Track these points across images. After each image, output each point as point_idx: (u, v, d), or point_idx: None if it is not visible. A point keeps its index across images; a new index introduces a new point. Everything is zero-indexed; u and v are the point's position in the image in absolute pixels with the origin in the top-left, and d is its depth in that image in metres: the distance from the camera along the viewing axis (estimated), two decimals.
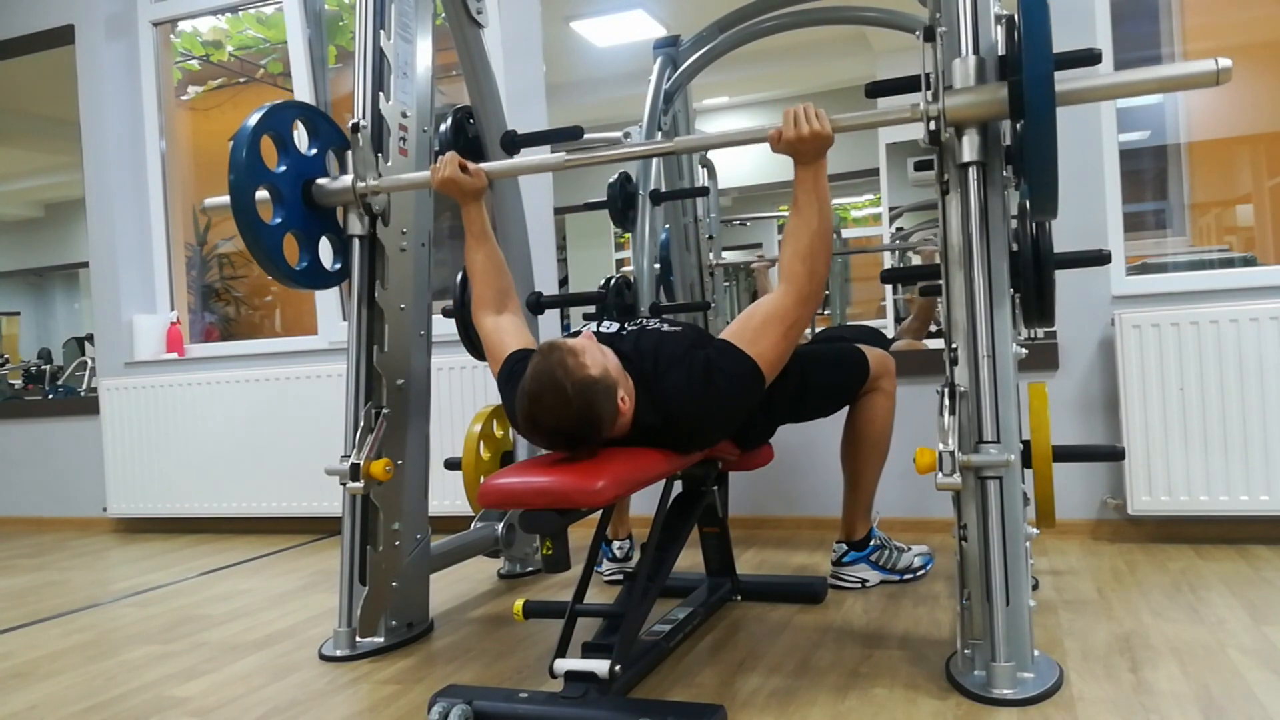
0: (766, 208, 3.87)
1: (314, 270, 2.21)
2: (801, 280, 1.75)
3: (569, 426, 1.61)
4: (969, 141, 1.64)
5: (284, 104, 2.14)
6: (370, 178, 2.11)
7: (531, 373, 1.63)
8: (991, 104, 1.61)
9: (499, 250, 2.09)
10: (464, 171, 2.01)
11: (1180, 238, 3.18)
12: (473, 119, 2.65)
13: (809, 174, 1.77)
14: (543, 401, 1.61)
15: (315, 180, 2.17)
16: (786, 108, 1.75)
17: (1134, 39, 3.03)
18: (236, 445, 3.70)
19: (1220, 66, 1.50)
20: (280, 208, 2.12)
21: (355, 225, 2.15)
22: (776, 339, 1.74)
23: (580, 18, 3.72)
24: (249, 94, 4.47)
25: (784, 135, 1.74)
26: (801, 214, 1.76)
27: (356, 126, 2.10)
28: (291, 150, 2.14)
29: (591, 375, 1.62)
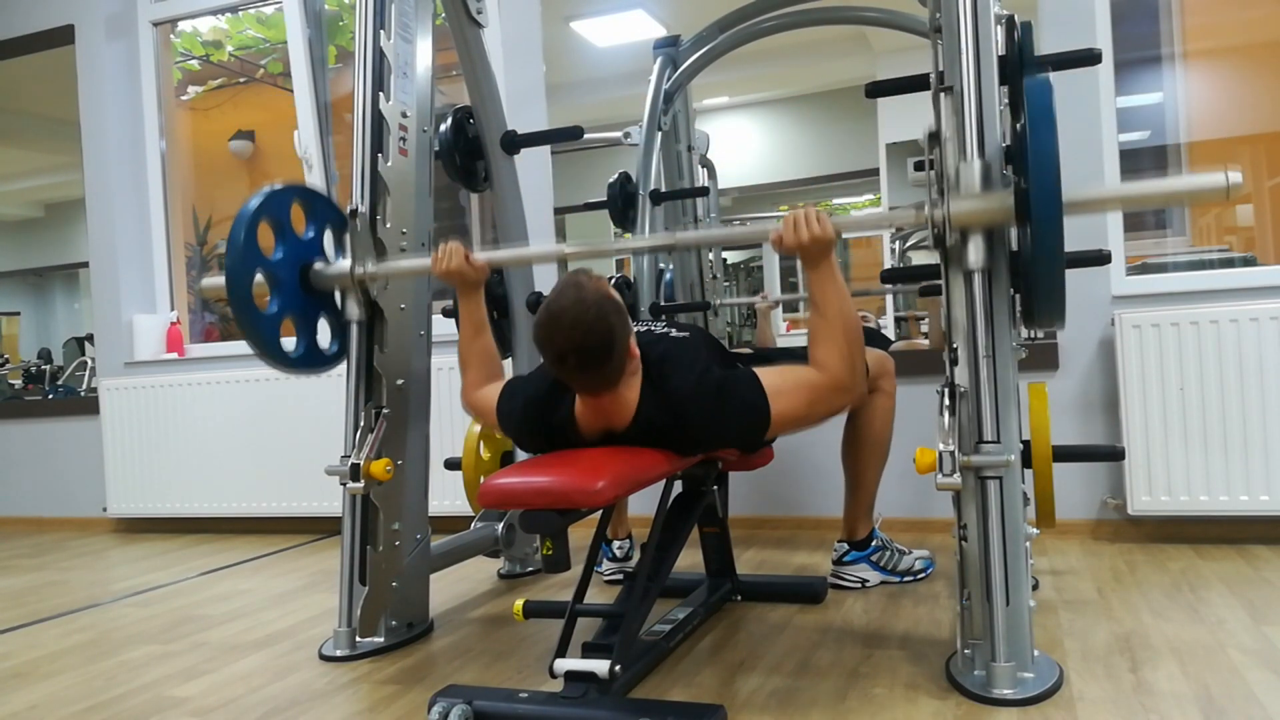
0: (766, 208, 3.86)
1: (310, 355, 2.18)
2: (842, 372, 1.70)
3: (581, 336, 1.61)
4: (974, 248, 1.61)
5: (283, 189, 2.11)
6: (368, 263, 2.10)
7: (554, 292, 1.67)
8: (998, 211, 1.58)
9: (493, 340, 2.08)
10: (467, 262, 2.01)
11: (1180, 238, 3.18)
12: (473, 119, 2.65)
13: (819, 276, 1.74)
14: (561, 304, 1.63)
15: (313, 264, 2.15)
16: (787, 213, 1.73)
17: (1134, 39, 3.03)
18: (236, 445, 3.70)
19: (1230, 182, 1.47)
20: (277, 295, 2.10)
21: (353, 310, 2.14)
22: (798, 404, 1.70)
23: (580, 18, 3.72)
24: (249, 94, 4.47)
25: (784, 240, 1.72)
26: (824, 315, 1.72)
27: (354, 212, 2.09)
28: (289, 236, 2.12)
29: (610, 294, 1.65)
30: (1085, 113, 2.78)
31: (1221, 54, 3.20)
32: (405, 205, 2.20)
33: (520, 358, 2.72)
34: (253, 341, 2.06)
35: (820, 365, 1.71)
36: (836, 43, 3.53)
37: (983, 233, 1.61)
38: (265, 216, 2.06)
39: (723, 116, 3.84)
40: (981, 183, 1.61)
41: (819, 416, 1.75)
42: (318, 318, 2.20)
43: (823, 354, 1.72)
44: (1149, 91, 3.16)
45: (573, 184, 3.53)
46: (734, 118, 3.89)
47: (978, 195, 1.61)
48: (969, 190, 1.61)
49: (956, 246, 1.63)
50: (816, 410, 1.73)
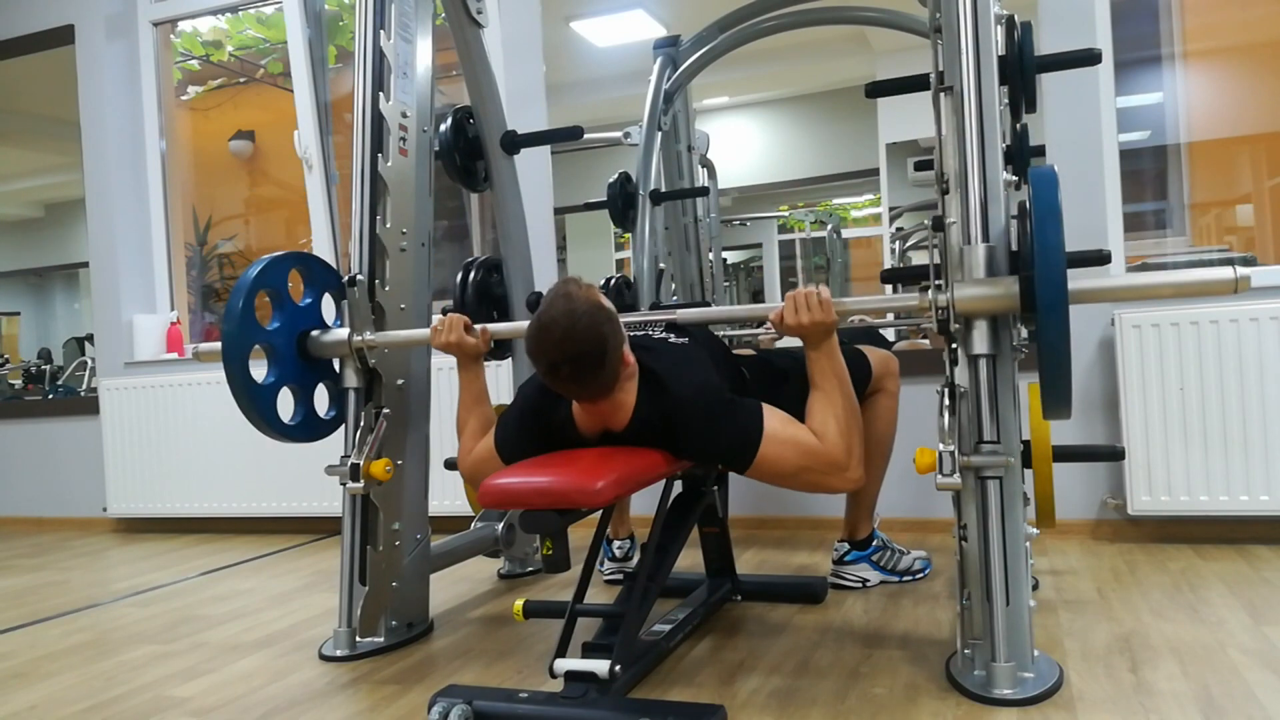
0: (766, 208, 3.86)
1: (308, 423, 2.18)
2: (837, 447, 1.68)
3: (573, 345, 1.60)
4: (979, 335, 1.61)
5: (280, 257, 2.11)
6: (366, 332, 2.09)
7: (544, 302, 1.66)
8: (1003, 299, 1.57)
9: (491, 410, 2.06)
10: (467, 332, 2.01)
11: (1180, 238, 3.18)
12: (473, 119, 2.65)
13: (819, 356, 1.73)
14: (551, 314, 1.62)
15: (310, 332, 2.15)
16: (789, 293, 1.72)
17: (1134, 39, 3.03)
18: (237, 445, 3.70)
19: (1239, 275, 1.47)
20: (274, 365, 2.10)
21: (351, 378, 2.14)
22: (787, 457, 1.67)
23: (580, 18, 3.72)
24: (249, 94, 4.47)
25: (785, 320, 1.72)
26: (825, 392, 1.72)
27: (353, 280, 2.09)
28: (287, 305, 2.12)
29: (600, 302, 1.64)
30: (1085, 113, 2.78)
31: (1221, 54, 3.20)
32: (405, 205, 2.20)
33: (520, 357, 2.73)
34: (249, 414, 2.07)
35: (819, 434, 1.69)
36: (836, 43, 3.53)
37: (988, 319, 1.61)
38: (263, 286, 2.06)
39: (723, 116, 3.84)
40: (986, 269, 1.60)
41: (802, 482, 1.71)
42: (315, 385, 2.20)
43: (820, 424, 1.70)
44: (1149, 91, 3.16)
45: (573, 184, 3.53)
46: (734, 118, 3.89)
47: (982, 282, 1.59)
48: (973, 276, 1.60)
49: (961, 332, 1.62)
50: (802, 476, 1.70)
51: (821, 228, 3.70)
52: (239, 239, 4.56)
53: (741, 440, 1.68)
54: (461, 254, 3.82)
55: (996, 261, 1.61)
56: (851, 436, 1.70)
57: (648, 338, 1.87)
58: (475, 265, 2.65)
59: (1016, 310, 1.57)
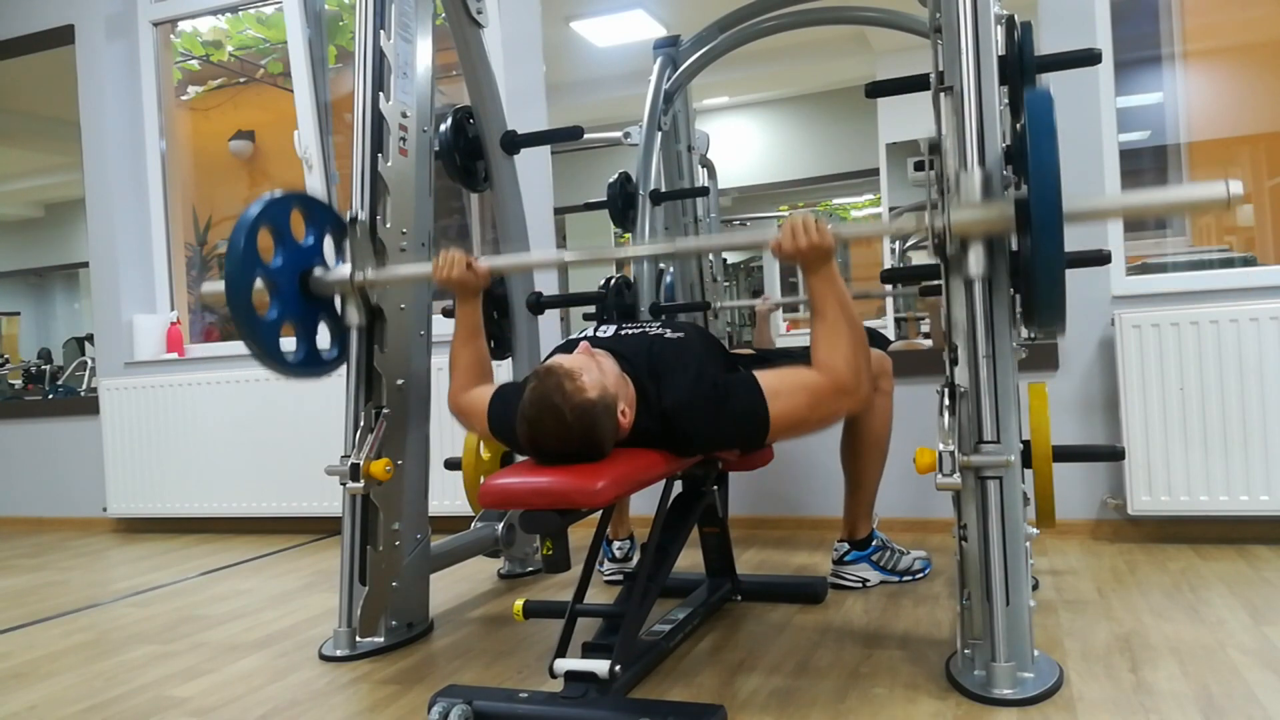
0: (766, 208, 3.86)
1: (310, 360, 2.18)
2: (844, 374, 1.68)
3: (571, 450, 1.61)
4: (974, 256, 1.61)
5: (283, 196, 2.11)
6: (368, 270, 2.10)
7: (530, 398, 1.62)
8: (998, 221, 1.58)
9: (486, 346, 2.07)
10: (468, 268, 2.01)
11: (1180, 238, 3.18)
12: (473, 119, 2.65)
13: (818, 281, 1.73)
14: (543, 426, 1.60)
15: (312, 270, 2.15)
16: (785, 220, 1.72)
17: (1134, 39, 3.03)
18: (236, 445, 3.70)
19: (1231, 192, 1.47)
20: (276, 301, 2.10)
21: (353, 316, 2.14)
22: (798, 406, 1.68)
23: (580, 18, 3.72)
24: (249, 94, 4.47)
25: (783, 246, 1.71)
26: (825, 319, 1.71)
27: (354, 219, 2.09)
28: (289, 242, 2.12)
29: (590, 399, 1.60)
30: (1085, 113, 2.78)
31: (1221, 54, 3.20)
32: (405, 205, 2.20)
33: (520, 358, 2.72)
34: (253, 347, 2.06)
35: (822, 367, 1.70)
36: (836, 43, 3.53)
37: (983, 241, 1.61)
38: (265, 223, 2.06)
39: (723, 116, 3.84)
40: (982, 191, 1.61)
41: (820, 420, 1.73)
42: (317, 323, 2.20)
43: (824, 355, 1.70)
44: (1149, 91, 3.16)
45: (573, 184, 3.52)
46: (734, 118, 3.89)
47: (978, 204, 1.60)
48: (969, 199, 1.61)
49: (957, 255, 1.62)
50: (818, 413, 1.70)
51: None
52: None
53: (750, 419, 1.68)
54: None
55: (992, 186, 1.62)
56: (856, 358, 1.70)
57: (644, 335, 1.87)
58: None
59: (1012, 230, 1.59)
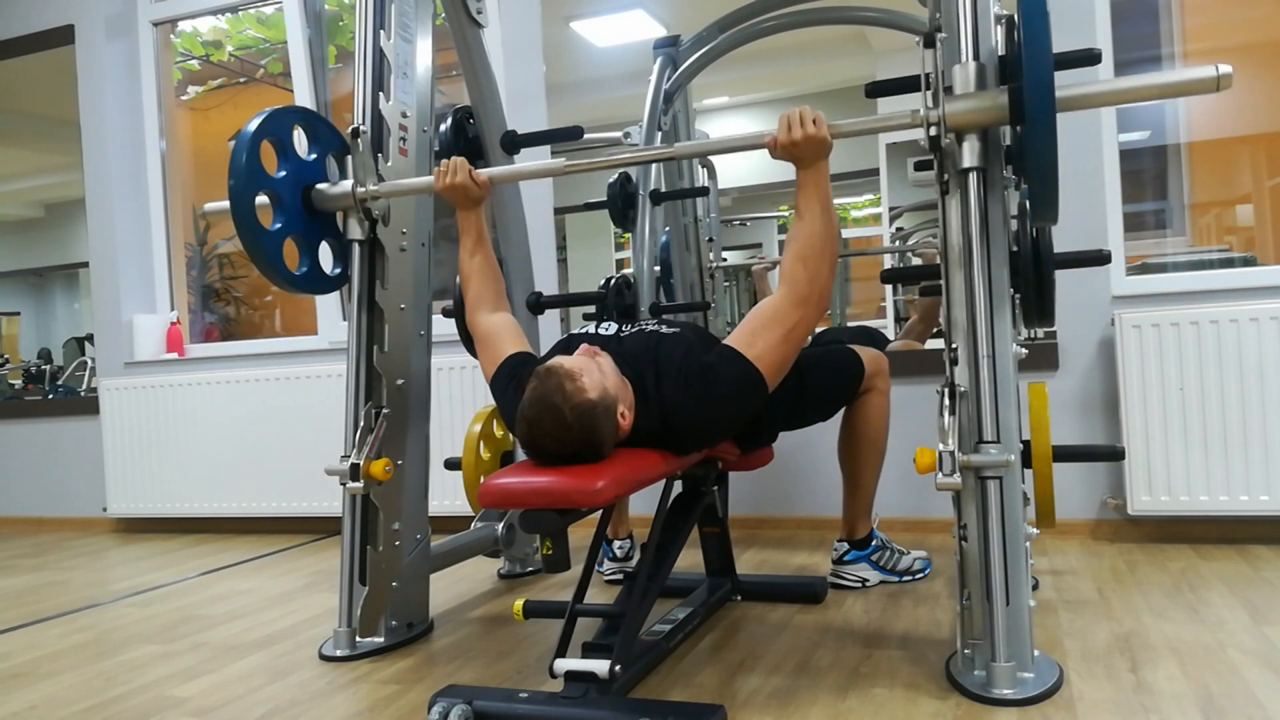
0: (766, 208, 3.86)
1: (314, 275, 2.20)
2: (801, 284, 1.73)
3: (570, 450, 1.61)
4: (969, 147, 1.64)
5: (284, 109, 2.13)
6: (370, 183, 2.10)
7: (530, 398, 1.62)
8: (992, 110, 1.60)
9: (493, 253, 2.09)
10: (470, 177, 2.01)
11: (1180, 238, 3.18)
12: (473, 119, 2.65)
13: (809, 177, 1.75)
14: (542, 426, 1.60)
15: (315, 185, 2.16)
16: (783, 112, 1.74)
17: (1134, 39, 3.03)
18: (236, 445, 3.70)
19: (1220, 73, 1.49)
20: (280, 213, 2.11)
21: (355, 230, 2.14)
22: (775, 342, 1.71)
23: (580, 18, 3.72)
24: (249, 94, 4.47)
25: (779, 140, 1.73)
26: (803, 218, 1.75)
27: (356, 131, 2.09)
28: (291, 155, 2.13)
29: (590, 399, 1.60)
30: (1085, 113, 2.77)
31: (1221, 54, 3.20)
32: (405, 205, 2.20)
33: None
34: (257, 258, 2.07)
35: (784, 277, 1.74)
36: (836, 43, 3.53)
37: (978, 133, 1.63)
38: (267, 136, 2.06)
39: (723, 116, 3.84)
40: (976, 84, 1.63)
41: (797, 341, 1.75)
42: (320, 240, 2.21)
43: (788, 264, 1.75)
44: None
45: (573, 184, 3.52)
46: (734, 118, 3.89)
47: (972, 95, 1.62)
48: (963, 90, 1.63)
49: (952, 147, 1.64)
50: (794, 336, 1.73)
51: None
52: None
53: (744, 385, 1.70)
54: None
55: (986, 77, 1.64)
56: (819, 267, 1.73)
57: (642, 333, 1.87)
58: None
59: (1006, 120, 1.60)
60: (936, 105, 1.63)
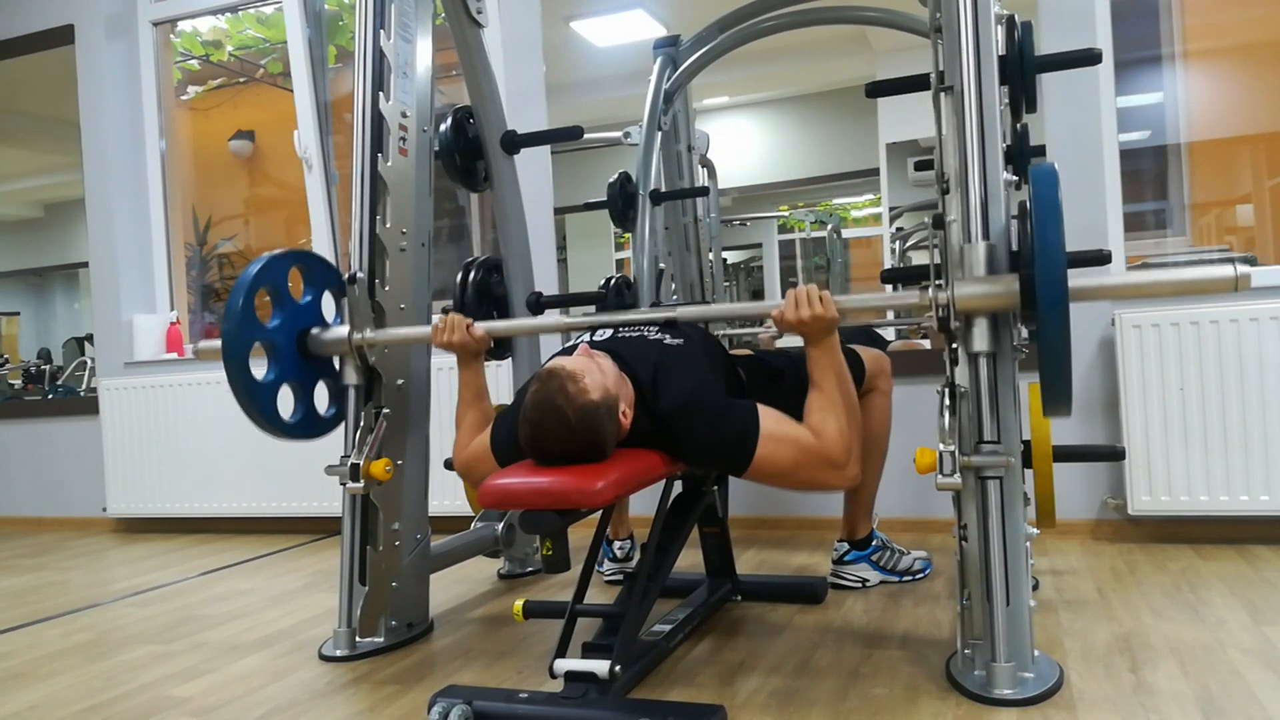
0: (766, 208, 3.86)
1: (308, 421, 2.19)
2: (835, 445, 1.68)
3: (575, 451, 1.61)
4: (979, 332, 1.61)
5: (281, 255, 2.12)
6: (367, 330, 2.09)
7: (532, 401, 1.62)
8: (1003, 296, 1.57)
9: (490, 406, 2.06)
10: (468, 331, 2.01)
11: (1180, 238, 3.18)
12: (473, 119, 2.65)
13: (819, 353, 1.74)
14: (545, 428, 1.60)
15: (310, 330, 2.16)
16: (790, 290, 1.73)
17: (1134, 39, 3.03)
18: (236, 445, 3.69)
19: (1239, 273, 1.47)
20: (274, 363, 2.11)
21: (351, 375, 2.14)
22: (784, 457, 1.67)
23: (580, 18, 3.72)
24: (249, 94, 4.47)
25: (786, 316, 1.72)
26: (824, 390, 1.72)
27: (354, 278, 2.08)
28: (287, 303, 2.13)
29: (593, 400, 1.60)
30: (1085, 113, 2.78)
31: (1221, 54, 3.20)
32: (405, 205, 2.20)
33: (520, 358, 2.73)
34: (250, 412, 2.07)
35: (817, 432, 1.69)
36: (836, 43, 3.53)
37: (988, 317, 1.61)
38: (263, 284, 2.06)
39: (723, 116, 3.84)
40: (986, 267, 1.60)
41: (801, 480, 1.71)
42: (315, 383, 2.21)
43: (819, 421, 1.70)
44: (1149, 91, 3.16)
45: (573, 184, 3.52)
46: (734, 118, 3.89)
47: (983, 280, 1.59)
48: (973, 274, 1.60)
49: (961, 329, 1.62)
50: (801, 473, 1.69)
51: (821, 228, 3.70)
52: (239, 239, 4.57)
53: (738, 443, 1.67)
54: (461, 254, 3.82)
55: (997, 259, 1.61)
56: (850, 434, 1.70)
57: (643, 339, 1.86)
58: (475, 265, 2.65)
59: (1017, 308, 1.57)
60: (946, 287, 1.60)
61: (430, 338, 2.04)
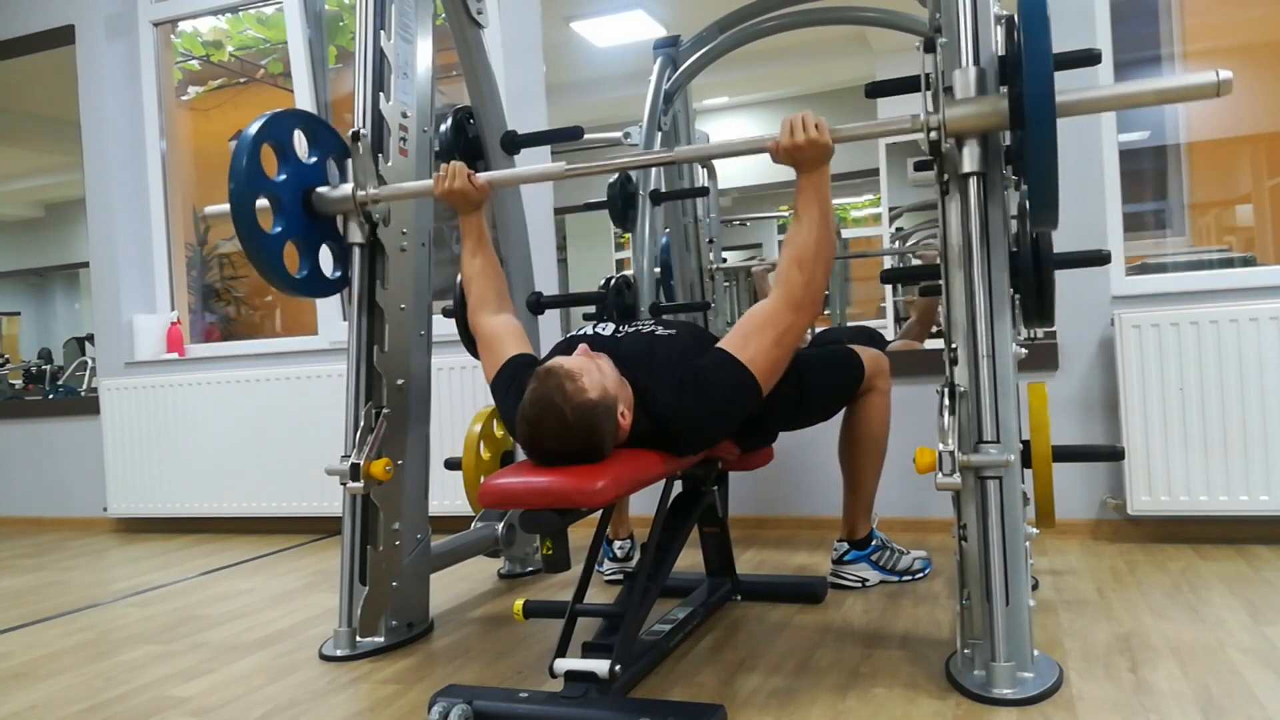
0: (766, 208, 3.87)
1: (314, 278, 2.20)
2: (796, 287, 1.73)
3: (572, 450, 1.61)
4: (969, 153, 1.63)
5: (284, 112, 2.13)
6: (370, 186, 2.10)
7: (530, 398, 1.62)
8: (992, 115, 1.60)
9: (495, 255, 2.09)
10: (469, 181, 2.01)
11: (1180, 238, 3.18)
12: (473, 119, 2.65)
13: (809, 182, 1.75)
14: (543, 427, 1.60)
15: (315, 189, 2.16)
16: (785, 116, 1.74)
17: (1134, 39, 3.03)
18: (236, 445, 3.70)
19: (1220, 78, 1.49)
20: (280, 216, 2.11)
21: (355, 234, 2.14)
22: (768, 345, 1.72)
23: (580, 18, 3.72)
24: (249, 94, 4.47)
25: (781, 144, 1.73)
26: (801, 221, 1.75)
27: (357, 135, 2.09)
28: (292, 159, 2.13)
29: (591, 399, 1.60)
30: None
31: (1221, 54, 3.20)
32: (405, 205, 2.20)
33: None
34: (257, 261, 2.07)
35: (779, 280, 1.74)
36: (836, 43, 3.53)
37: (978, 138, 1.63)
38: (268, 140, 2.06)
39: (723, 116, 3.84)
40: (976, 89, 1.63)
41: (790, 345, 1.75)
42: (320, 243, 2.21)
43: (784, 266, 1.75)
44: None
45: (573, 184, 3.52)
46: (734, 118, 3.89)
47: (972, 100, 1.62)
48: (964, 95, 1.63)
49: (952, 152, 1.64)
50: (786, 340, 1.73)
51: None
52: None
53: (737, 389, 1.70)
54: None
55: (986, 83, 1.64)
56: (814, 271, 1.73)
57: (638, 334, 1.87)
58: None
59: (1006, 126, 1.60)
60: (937, 110, 1.63)
61: (432, 190, 2.04)
